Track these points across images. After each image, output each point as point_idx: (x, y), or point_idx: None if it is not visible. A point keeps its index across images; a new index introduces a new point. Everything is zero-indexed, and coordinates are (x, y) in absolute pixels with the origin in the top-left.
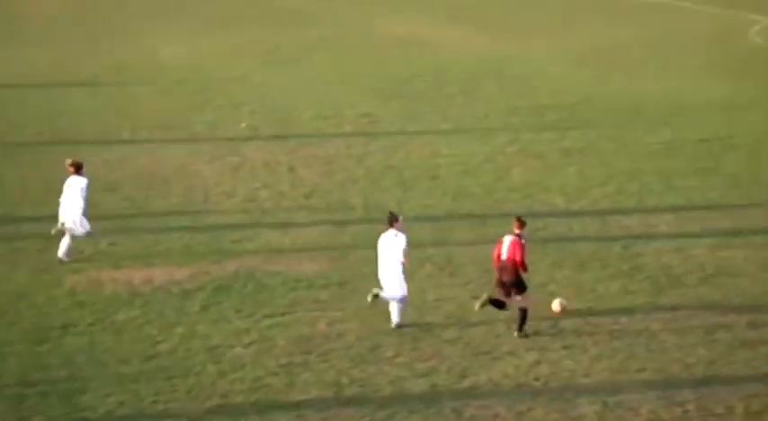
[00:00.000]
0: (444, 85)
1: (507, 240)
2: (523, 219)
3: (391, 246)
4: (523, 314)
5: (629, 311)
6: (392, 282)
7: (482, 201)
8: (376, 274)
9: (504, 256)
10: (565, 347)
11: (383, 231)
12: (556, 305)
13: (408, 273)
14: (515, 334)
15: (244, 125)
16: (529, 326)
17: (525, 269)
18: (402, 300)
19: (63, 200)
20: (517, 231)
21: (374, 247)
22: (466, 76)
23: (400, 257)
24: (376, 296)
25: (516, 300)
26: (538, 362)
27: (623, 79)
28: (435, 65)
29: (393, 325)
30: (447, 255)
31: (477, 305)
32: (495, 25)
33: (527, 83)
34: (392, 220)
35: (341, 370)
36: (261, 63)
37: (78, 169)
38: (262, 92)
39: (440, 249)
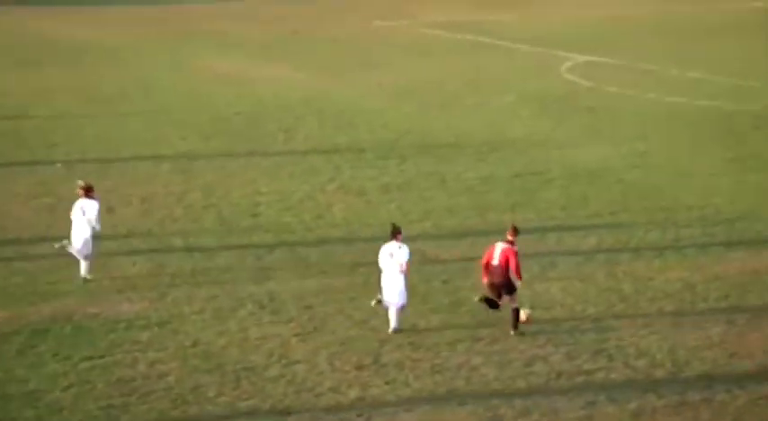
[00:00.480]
0: (264, 122)
1: (500, 247)
2: (518, 227)
3: (395, 256)
4: (516, 313)
5: (450, 345)
6: (395, 290)
7: (303, 237)
8: (197, 313)
9: (495, 262)
10: (387, 382)
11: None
12: (523, 315)
13: (229, 311)
14: (511, 332)
15: (59, 165)
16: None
17: (520, 277)
18: (402, 308)
19: (74, 221)
20: (510, 238)
21: (194, 285)
22: (286, 113)
23: (403, 266)
24: (379, 301)
25: (506, 301)
26: (360, 398)
27: (441, 115)
28: (255, 102)
29: (391, 330)
30: (269, 292)
31: (476, 298)
32: (312, 62)
33: (346, 119)
34: (395, 232)
35: (162, 411)
36: (79, 102)
37: (88, 192)
38: (79, 131)
39: (261, 287)
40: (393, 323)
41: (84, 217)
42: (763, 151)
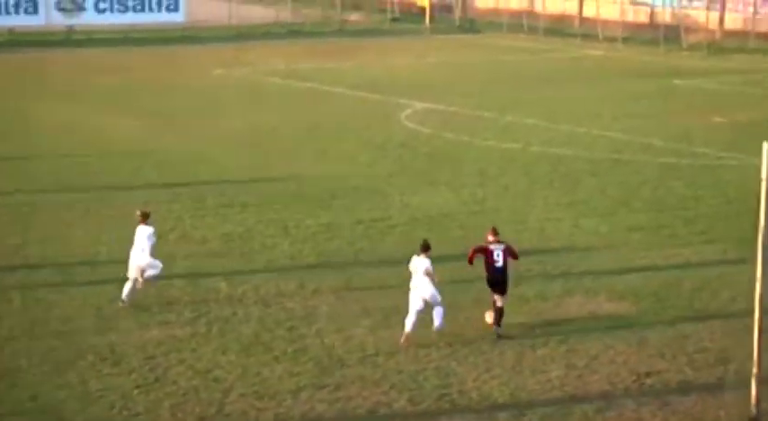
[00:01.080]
0: (103, 171)
1: (498, 249)
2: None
3: (420, 267)
4: (502, 311)
5: (293, 393)
6: (430, 292)
7: (145, 287)
8: (36, 366)
9: (499, 264)
10: None
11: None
12: (489, 317)
13: (69, 363)
14: (495, 328)
15: None
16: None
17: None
18: (442, 304)
19: (134, 248)
20: (497, 238)
21: (32, 337)
22: (126, 161)
23: (429, 270)
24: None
25: (500, 299)
26: None
27: (282, 162)
28: (93, 151)
29: (435, 328)
30: (110, 343)
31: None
32: (152, 111)
33: (187, 167)
34: (426, 248)
35: None
36: None
37: (146, 218)
38: None
39: (103, 338)
40: (437, 321)
41: (141, 242)
42: (597, 196)
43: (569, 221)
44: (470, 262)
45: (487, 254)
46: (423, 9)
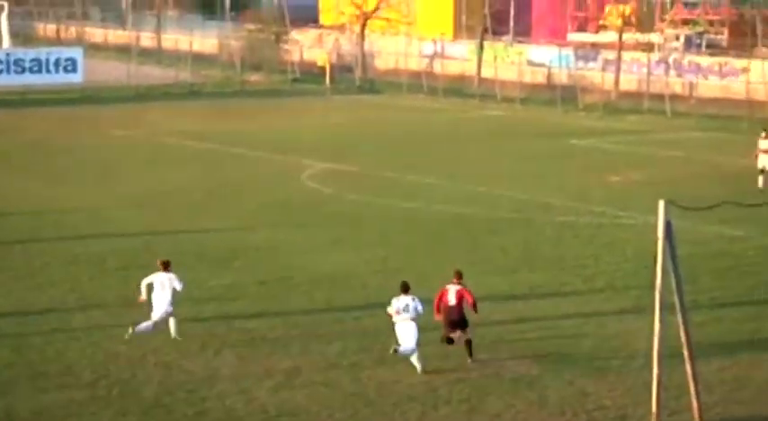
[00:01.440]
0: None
1: (453, 289)
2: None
3: (410, 308)
4: (470, 343)
5: None
6: (411, 337)
7: (42, 351)
8: None
9: (452, 303)
10: None
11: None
12: (417, 366)
13: None
14: (469, 361)
15: None
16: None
17: (476, 310)
18: (415, 351)
19: (157, 295)
20: (459, 280)
21: None
22: (22, 223)
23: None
24: (395, 351)
25: (462, 334)
26: None
27: (184, 223)
28: None
29: (420, 371)
30: (5, 407)
31: (443, 340)
32: (46, 171)
33: (86, 228)
34: (406, 288)
35: None
36: None
37: (167, 266)
38: None
39: None
40: (419, 366)
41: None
42: (498, 255)
43: (471, 280)
44: (437, 309)
45: (442, 294)
46: (323, 69)
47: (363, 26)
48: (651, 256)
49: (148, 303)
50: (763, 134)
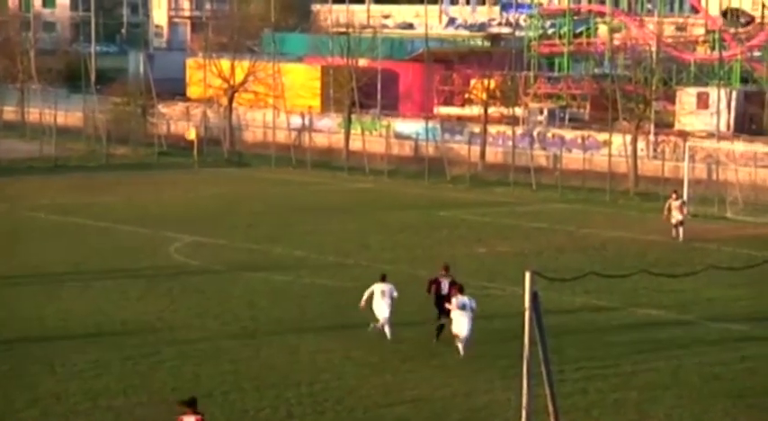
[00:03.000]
0: None
1: (446, 282)
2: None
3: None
4: (441, 327)
5: None
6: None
7: None
8: None
9: (445, 291)
10: None
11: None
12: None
13: None
14: (434, 341)
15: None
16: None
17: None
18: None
19: (377, 302)
20: (447, 272)
21: None
22: None
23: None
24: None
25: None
26: None
27: (47, 299)
28: None
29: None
30: None
31: (436, 334)
32: None
33: None
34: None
35: None
36: None
37: (384, 278)
38: None
39: None
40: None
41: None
42: (366, 327)
43: (341, 352)
44: (429, 291)
45: (436, 283)
46: (191, 142)
47: (231, 99)
48: (519, 327)
49: (369, 309)
50: (674, 195)
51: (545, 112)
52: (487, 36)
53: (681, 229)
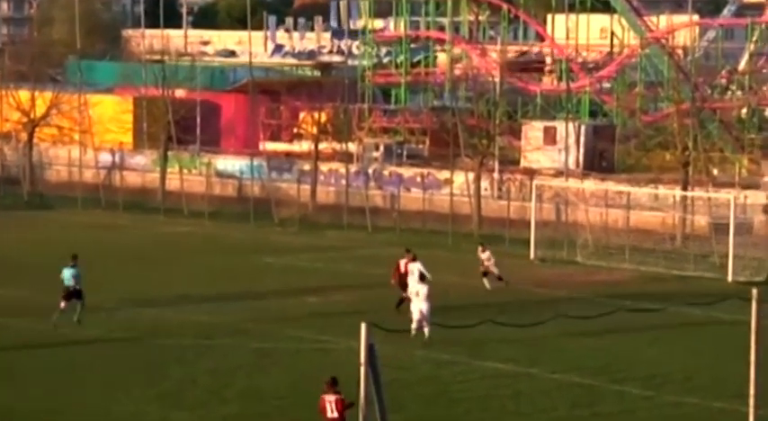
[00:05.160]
0: None
1: (404, 262)
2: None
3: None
4: (403, 301)
5: None
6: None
7: None
8: None
9: (403, 270)
10: None
11: None
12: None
13: None
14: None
15: None
16: None
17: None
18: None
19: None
20: (412, 257)
21: None
22: None
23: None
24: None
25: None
26: None
27: None
28: None
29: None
30: None
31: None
32: None
33: None
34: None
35: None
36: None
37: (414, 257)
38: None
39: None
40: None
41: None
42: (186, 386)
43: (157, 415)
44: (394, 278)
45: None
46: None
47: (31, 134)
48: (354, 383)
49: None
50: (480, 248)
51: (381, 148)
52: (317, 65)
53: (486, 280)
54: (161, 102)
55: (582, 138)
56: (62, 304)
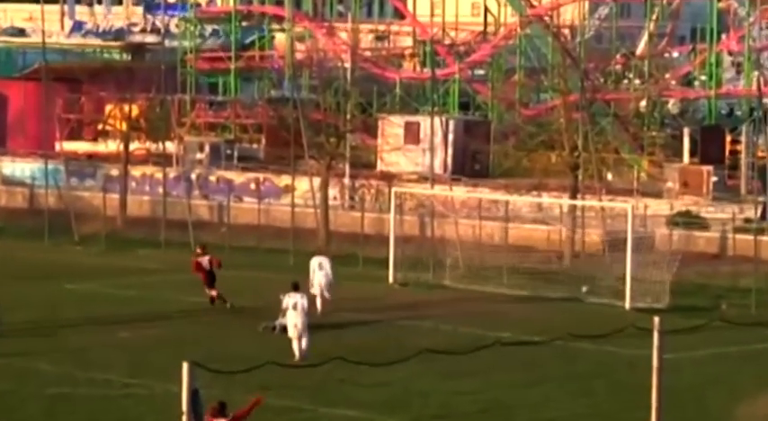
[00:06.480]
0: None
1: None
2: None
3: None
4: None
5: None
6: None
7: None
8: None
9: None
10: None
11: None
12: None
13: None
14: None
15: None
16: None
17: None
18: None
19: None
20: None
21: None
22: None
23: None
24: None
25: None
26: None
27: None
28: None
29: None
30: None
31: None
32: None
33: None
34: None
35: None
36: None
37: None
38: None
39: None
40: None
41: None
42: None
43: None
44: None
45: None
46: None
47: None
48: None
49: None
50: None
51: (206, 149)
52: (127, 46)
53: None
54: None
55: (450, 136)
56: None
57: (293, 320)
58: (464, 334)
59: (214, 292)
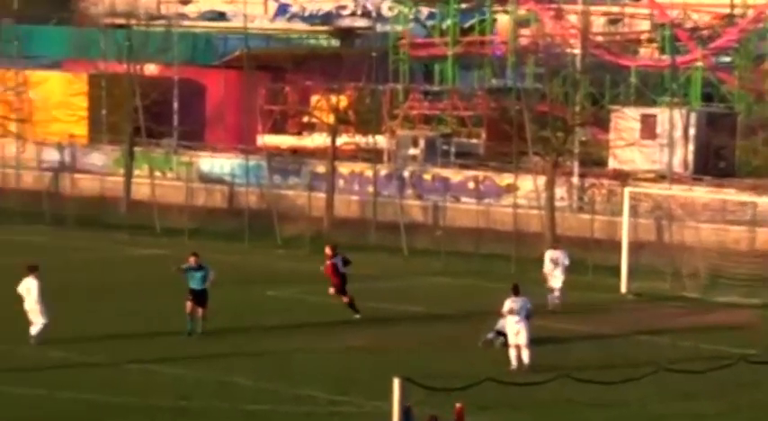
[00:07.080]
0: None
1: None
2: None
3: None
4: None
5: None
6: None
7: None
8: None
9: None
10: None
11: None
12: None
13: None
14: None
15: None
16: None
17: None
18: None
19: None
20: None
21: None
22: None
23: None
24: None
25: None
26: None
27: None
28: None
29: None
30: None
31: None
32: None
33: None
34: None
35: None
36: None
37: None
38: None
39: None
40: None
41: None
42: None
43: None
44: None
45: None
46: None
47: None
48: None
49: None
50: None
51: (421, 144)
52: (335, 31)
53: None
54: (125, 80)
55: (692, 131)
56: None
57: (514, 328)
58: (705, 351)
59: (346, 299)
